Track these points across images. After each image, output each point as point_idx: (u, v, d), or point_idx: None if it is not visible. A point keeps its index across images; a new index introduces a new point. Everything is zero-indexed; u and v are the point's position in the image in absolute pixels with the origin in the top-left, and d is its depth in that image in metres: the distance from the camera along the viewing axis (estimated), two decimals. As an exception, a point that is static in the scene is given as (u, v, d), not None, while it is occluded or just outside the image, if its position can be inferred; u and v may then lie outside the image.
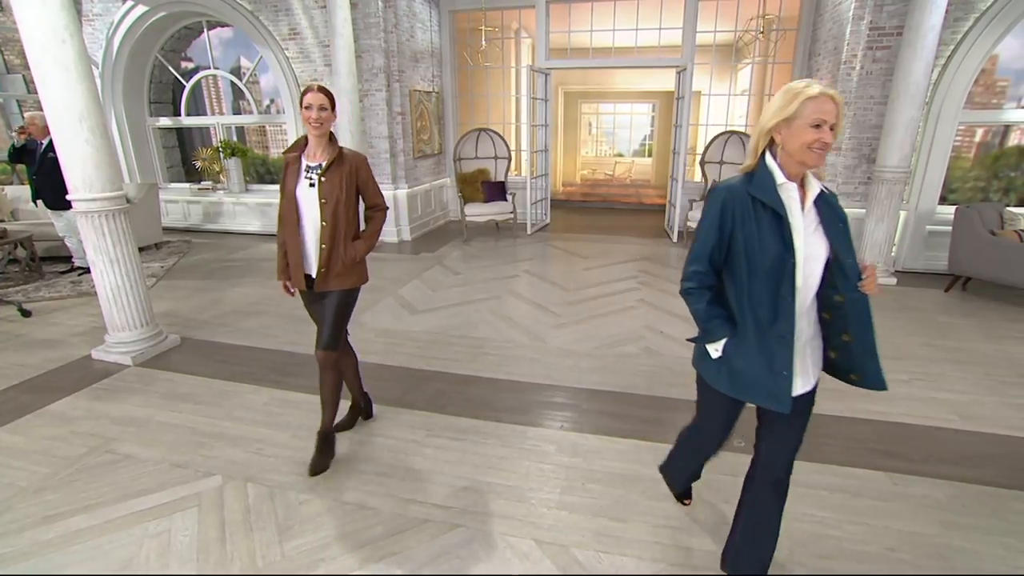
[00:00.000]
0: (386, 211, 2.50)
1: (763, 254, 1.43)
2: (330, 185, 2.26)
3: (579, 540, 2.08)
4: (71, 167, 3.28)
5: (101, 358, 3.63)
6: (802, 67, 6.74)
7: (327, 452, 2.51)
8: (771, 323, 1.47)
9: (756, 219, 1.45)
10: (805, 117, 1.36)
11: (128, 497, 2.30)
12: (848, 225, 1.49)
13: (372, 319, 4.36)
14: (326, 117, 2.22)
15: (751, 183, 1.46)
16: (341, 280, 2.37)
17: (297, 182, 2.27)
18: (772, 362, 1.49)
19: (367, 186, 2.39)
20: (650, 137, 16.30)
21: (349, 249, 2.34)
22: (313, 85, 2.23)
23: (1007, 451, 2.64)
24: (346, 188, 2.28)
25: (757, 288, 1.47)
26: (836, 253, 1.45)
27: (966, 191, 5.94)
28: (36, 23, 3.02)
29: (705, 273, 1.54)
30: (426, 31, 7.40)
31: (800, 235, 1.43)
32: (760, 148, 1.49)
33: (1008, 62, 5.58)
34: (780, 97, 1.43)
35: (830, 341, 1.56)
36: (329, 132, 2.29)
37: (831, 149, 1.37)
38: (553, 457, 2.60)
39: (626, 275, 5.57)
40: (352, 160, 2.32)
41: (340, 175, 2.27)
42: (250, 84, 7.65)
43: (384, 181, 6.90)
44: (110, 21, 7.09)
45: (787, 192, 1.45)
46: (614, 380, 3.35)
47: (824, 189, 1.51)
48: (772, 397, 1.52)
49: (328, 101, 2.23)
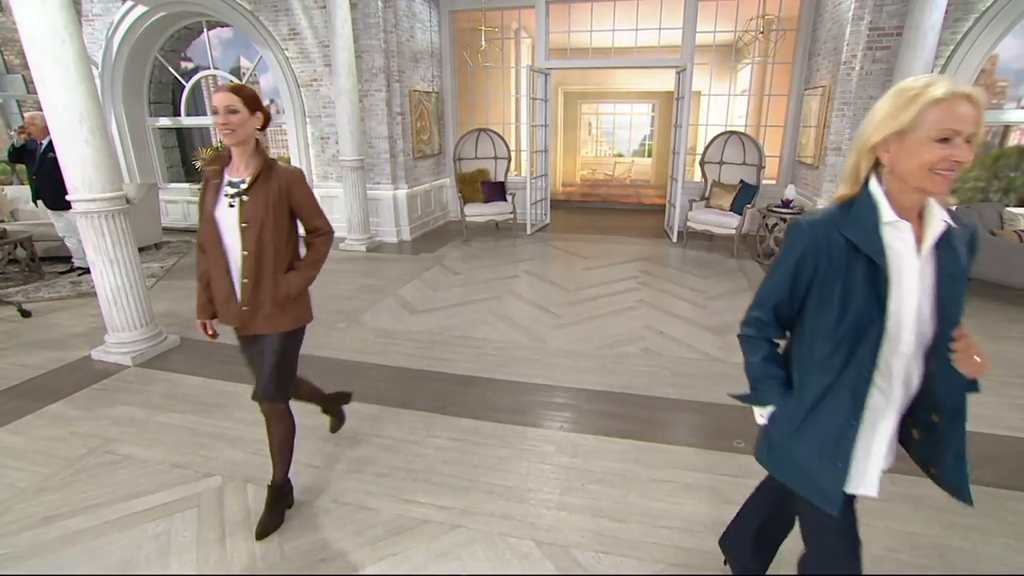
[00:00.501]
0: (331, 235, 2.09)
1: (844, 314, 1.12)
2: (253, 206, 1.86)
3: (579, 541, 2.08)
4: (70, 167, 3.27)
5: (101, 358, 3.62)
6: (802, 67, 6.74)
7: (278, 509, 2.17)
8: (835, 400, 1.17)
9: (847, 270, 1.10)
10: (927, 128, 1.00)
11: (128, 498, 2.30)
12: (965, 278, 1.13)
13: (372, 319, 4.36)
14: (238, 121, 1.83)
15: (846, 220, 1.11)
16: (273, 321, 1.98)
17: (216, 201, 1.90)
18: (827, 448, 1.19)
19: (303, 207, 1.99)
20: (650, 137, 16.31)
21: (280, 283, 1.95)
22: (224, 85, 1.88)
23: (1007, 452, 2.64)
24: (273, 209, 1.89)
25: (825, 353, 1.16)
26: (941, 312, 1.11)
27: (966, 191, 5.94)
28: (35, 23, 3.02)
29: (767, 323, 1.28)
30: (426, 31, 7.40)
31: (910, 291, 1.09)
32: (863, 171, 1.12)
33: (1008, 62, 5.59)
34: (889, 101, 1.06)
35: (918, 418, 1.24)
36: (255, 141, 1.93)
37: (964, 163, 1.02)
38: (553, 458, 2.60)
39: (626, 275, 5.57)
40: (284, 176, 1.93)
41: (266, 194, 1.88)
42: (250, 84, 7.64)
43: (384, 181, 6.90)
44: (110, 21, 7.09)
45: (896, 233, 1.09)
46: (614, 380, 3.35)
47: (949, 224, 1.10)
48: (818, 491, 1.22)
49: (240, 101, 1.82)
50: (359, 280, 5.45)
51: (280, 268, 1.96)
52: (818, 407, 1.20)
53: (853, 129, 5.42)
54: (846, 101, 5.41)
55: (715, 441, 2.71)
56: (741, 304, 4.69)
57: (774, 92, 7.34)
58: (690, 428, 2.87)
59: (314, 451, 2.63)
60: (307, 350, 3.80)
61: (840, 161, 5.56)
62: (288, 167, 1.96)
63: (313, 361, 3.61)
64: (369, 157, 6.77)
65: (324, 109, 6.90)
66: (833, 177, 5.64)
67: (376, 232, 6.91)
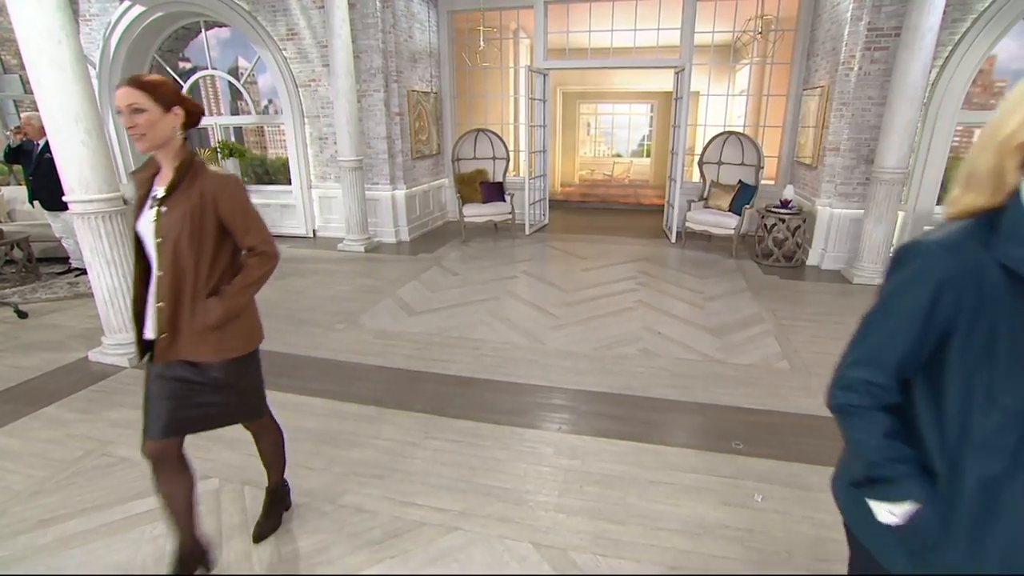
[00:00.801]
0: (270, 256, 1.74)
1: (1016, 367, 0.83)
2: (170, 219, 1.59)
3: (577, 543, 2.07)
4: (67, 168, 3.26)
5: (98, 360, 3.61)
6: (800, 67, 6.75)
7: (275, 512, 2.12)
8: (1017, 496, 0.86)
9: (1011, 307, 0.83)
10: None
11: (125, 500, 2.29)
12: None
13: (370, 320, 4.35)
14: (147, 123, 1.53)
15: (996, 239, 0.83)
16: (197, 348, 1.69)
17: (140, 214, 1.66)
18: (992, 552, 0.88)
19: (235, 220, 1.66)
20: (648, 137, 16.32)
21: (199, 310, 1.66)
22: (125, 78, 1.57)
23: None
24: (192, 223, 1.60)
25: (990, 427, 0.86)
26: None
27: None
28: (31, 23, 3.01)
29: (884, 387, 0.95)
30: (424, 31, 7.39)
31: None
32: (1009, 174, 0.84)
33: (1005, 63, 5.59)
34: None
35: None
36: (180, 142, 1.63)
37: None
38: (551, 459, 2.59)
39: (624, 276, 5.56)
40: (212, 184, 1.62)
41: (186, 205, 1.59)
42: (248, 85, 7.63)
43: (382, 182, 6.89)
44: (107, 21, 7.07)
45: None
46: (612, 381, 3.34)
47: None
48: None
49: (146, 98, 1.52)
50: (357, 281, 5.44)
51: (202, 292, 1.67)
52: (993, 507, 0.87)
53: (852, 129, 5.42)
54: (844, 101, 5.41)
55: (714, 442, 2.71)
56: (740, 304, 4.70)
57: (772, 92, 7.34)
58: (689, 429, 2.87)
59: (311, 453, 2.62)
60: (305, 351, 3.83)
61: (838, 162, 5.56)
62: (220, 173, 1.66)
63: (311, 362, 3.61)
64: (367, 157, 6.76)
65: (322, 109, 6.89)
66: (831, 177, 5.64)
67: (374, 233, 6.90)
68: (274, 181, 8.07)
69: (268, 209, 7.47)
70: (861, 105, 5.35)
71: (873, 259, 5.26)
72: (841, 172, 5.57)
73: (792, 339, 3.96)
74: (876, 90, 5.26)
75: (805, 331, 4.11)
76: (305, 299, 4.82)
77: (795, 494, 2.33)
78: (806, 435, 2.78)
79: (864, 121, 5.38)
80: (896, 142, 4.94)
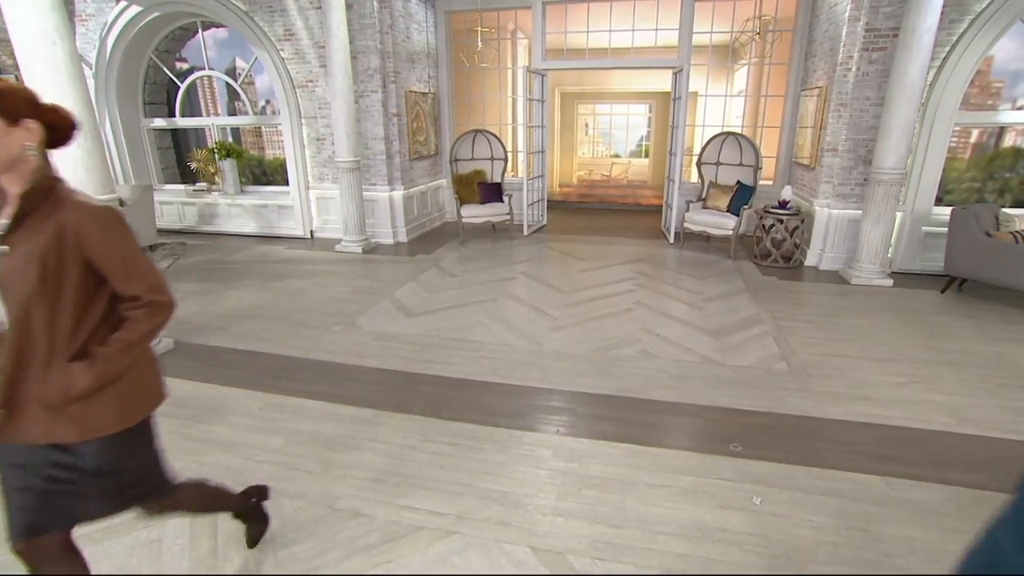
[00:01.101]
0: (165, 307, 1.41)
1: None
2: (13, 261, 1.25)
3: (575, 547, 2.06)
4: (61, 170, 3.23)
5: None
6: (798, 68, 6.75)
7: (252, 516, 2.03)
8: None
9: None
10: None
11: (119, 505, 2.27)
12: None
13: (368, 322, 4.33)
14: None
15: None
16: (50, 427, 1.31)
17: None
18: None
19: (109, 263, 1.32)
20: (647, 138, 16.31)
21: (56, 377, 1.29)
22: None
23: (1004, 455, 2.64)
24: (42, 267, 1.25)
25: None
26: None
27: (962, 192, 5.95)
28: (25, 24, 2.98)
29: None
30: (422, 32, 7.38)
31: None
32: None
33: (1003, 63, 5.59)
34: None
35: None
36: (35, 164, 1.30)
37: None
38: (549, 462, 2.58)
39: (623, 277, 5.56)
40: (74, 217, 1.29)
41: (36, 243, 1.25)
42: (245, 85, 7.61)
43: (380, 183, 6.87)
44: (103, 21, 7.04)
45: None
46: (610, 383, 3.34)
47: None
48: None
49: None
50: (355, 282, 5.43)
51: (60, 354, 1.30)
52: None
53: (849, 130, 5.42)
54: (842, 102, 5.41)
55: (713, 445, 2.70)
56: (738, 305, 4.69)
57: (771, 93, 7.34)
58: (687, 432, 2.86)
59: (308, 456, 2.61)
60: (302, 353, 3.82)
61: (836, 162, 5.55)
62: (88, 203, 1.33)
63: (308, 364, 3.59)
64: (365, 158, 6.75)
65: (320, 110, 6.87)
66: (830, 178, 5.64)
67: (372, 234, 6.88)
68: (271, 182, 8.06)
69: (266, 210, 7.46)
70: (859, 106, 5.35)
71: (871, 260, 5.26)
72: (839, 172, 5.57)
73: (790, 340, 3.95)
74: (874, 91, 5.26)
75: (803, 332, 4.11)
76: (302, 300, 4.81)
77: (794, 497, 2.33)
78: (804, 437, 2.77)
79: (862, 122, 5.38)
80: (894, 143, 4.94)
